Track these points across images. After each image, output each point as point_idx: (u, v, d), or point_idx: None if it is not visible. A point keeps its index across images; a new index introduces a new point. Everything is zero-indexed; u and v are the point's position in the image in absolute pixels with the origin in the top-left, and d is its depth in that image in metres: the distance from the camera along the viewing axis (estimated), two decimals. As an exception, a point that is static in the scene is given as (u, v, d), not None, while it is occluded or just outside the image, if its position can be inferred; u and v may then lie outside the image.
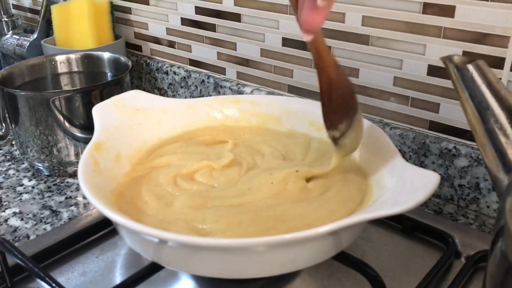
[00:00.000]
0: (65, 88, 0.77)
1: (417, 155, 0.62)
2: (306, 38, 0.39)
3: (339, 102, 0.46)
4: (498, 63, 0.54)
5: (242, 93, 0.78)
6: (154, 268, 0.45)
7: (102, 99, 0.56)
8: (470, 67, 0.35)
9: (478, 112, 0.35)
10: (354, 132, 0.47)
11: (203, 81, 0.83)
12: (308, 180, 0.49)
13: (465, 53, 0.56)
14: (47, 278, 0.44)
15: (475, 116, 0.35)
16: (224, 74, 0.82)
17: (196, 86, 0.84)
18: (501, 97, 0.34)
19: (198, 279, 0.47)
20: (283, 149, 0.55)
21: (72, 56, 0.78)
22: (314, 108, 0.58)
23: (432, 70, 0.59)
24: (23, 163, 0.71)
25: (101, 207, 0.39)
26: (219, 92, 0.81)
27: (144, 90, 0.83)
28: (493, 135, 0.34)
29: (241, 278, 0.44)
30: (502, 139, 0.34)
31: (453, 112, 0.59)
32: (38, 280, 0.45)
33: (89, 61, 0.78)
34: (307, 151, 0.54)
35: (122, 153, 0.52)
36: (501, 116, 0.34)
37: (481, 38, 0.54)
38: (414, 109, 0.62)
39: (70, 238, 0.52)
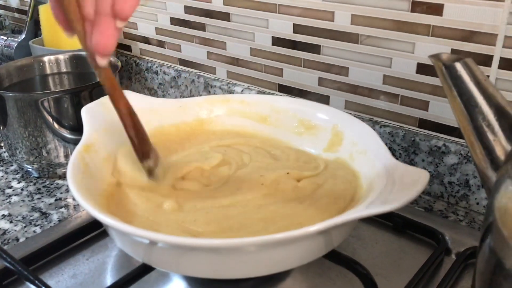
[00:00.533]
0: (54, 89, 0.77)
1: (407, 153, 0.62)
2: (102, 62, 0.37)
3: (142, 131, 0.45)
4: (486, 60, 0.54)
5: (233, 93, 0.78)
6: (145, 269, 0.45)
7: (91, 100, 0.56)
8: (458, 65, 0.35)
9: (466, 110, 0.35)
10: (161, 159, 0.47)
11: (193, 80, 0.83)
12: (299, 179, 0.49)
13: (453, 51, 0.56)
14: (36, 281, 0.44)
15: (463, 114, 0.35)
16: (214, 74, 0.82)
17: (186, 86, 0.84)
18: (489, 94, 0.35)
19: (190, 279, 0.47)
20: (271, 149, 0.55)
21: (61, 56, 0.77)
22: (304, 107, 0.58)
23: (421, 68, 0.59)
24: (12, 165, 0.71)
25: (91, 209, 0.39)
26: (209, 91, 0.81)
27: (134, 90, 0.82)
28: (481, 133, 0.35)
29: (232, 279, 0.44)
30: (490, 137, 0.34)
31: (442, 110, 0.60)
32: (28, 283, 0.45)
33: (78, 62, 0.78)
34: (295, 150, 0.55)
35: (112, 154, 0.51)
36: (489, 113, 0.34)
37: (469, 36, 0.55)
38: (403, 107, 0.63)
39: (60, 240, 0.52)
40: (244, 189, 0.46)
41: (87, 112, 0.53)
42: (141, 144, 0.45)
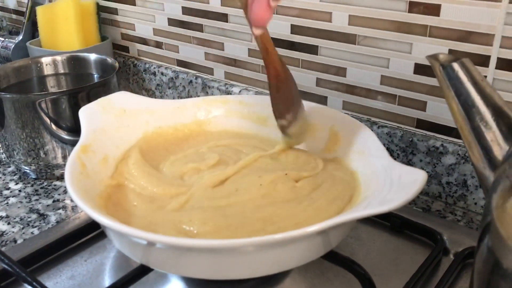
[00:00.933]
0: (52, 90, 0.77)
1: (405, 153, 0.62)
2: (256, 32, 0.42)
3: (286, 94, 0.50)
4: (483, 61, 0.54)
5: (231, 93, 0.78)
6: (143, 270, 0.45)
7: (89, 101, 0.56)
8: (456, 65, 0.35)
9: (463, 110, 0.35)
10: (300, 122, 0.52)
11: (191, 81, 0.83)
12: (297, 180, 0.49)
13: (451, 51, 0.56)
14: (34, 283, 0.44)
15: (461, 114, 0.35)
16: (212, 75, 0.82)
17: (184, 86, 0.84)
18: (486, 95, 0.35)
19: (188, 280, 0.47)
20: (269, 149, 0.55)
21: (58, 57, 0.77)
22: (302, 108, 0.58)
23: (419, 69, 0.60)
24: (10, 167, 0.71)
25: (89, 210, 0.39)
26: (207, 92, 0.81)
27: (131, 91, 0.82)
28: (478, 133, 0.35)
29: (231, 279, 0.44)
30: (488, 137, 0.34)
31: (440, 110, 0.60)
32: (26, 285, 0.44)
33: (76, 63, 0.78)
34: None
35: (110, 155, 0.51)
36: (486, 113, 0.34)
37: (467, 36, 0.55)
38: (401, 108, 0.63)
39: (58, 242, 0.51)
40: (242, 189, 0.46)
41: (84, 113, 0.53)
42: (278, 104, 0.51)
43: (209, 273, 0.40)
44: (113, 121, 0.54)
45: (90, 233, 0.53)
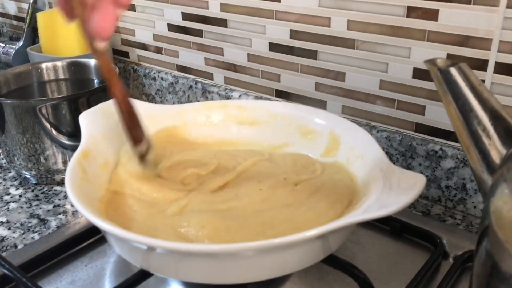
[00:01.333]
0: (52, 95, 0.77)
1: (404, 157, 0.62)
2: (101, 45, 0.39)
3: (136, 117, 0.46)
4: (481, 65, 0.55)
5: (230, 98, 0.78)
6: (143, 275, 0.45)
7: (89, 106, 0.56)
8: (453, 70, 0.35)
9: (461, 115, 0.35)
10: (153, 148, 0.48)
11: (190, 86, 0.83)
12: (296, 184, 0.49)
13: (449, 55, 0.57)
14: (35, 288, 0.44)
15: (458, 119, 0.35)
16: (212, 79, 0.82)
17: (184, 91, 0.84)
18: (484, 99, 0.35)
19: (188, 285, 0.47)
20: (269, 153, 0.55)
21: (59, 63, 0.77)
22: (301, 112, 0.59)
23: (417, 73, 0.60)
24: (10, 172, 0.71)
25: (89, 215, 0.39)
26: (207, 97, 0.81)
27: (131, 96, 0.82)
28: (476, 137, 0.35)
29: (231, 284, 0.44)
30: (486, 141, 0.35)
31: (438, 114, 0.60)
32: (26, 290, 0.45)
33: (76, 68, 0.78)
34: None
35: (110, 160, 0.51)
36: (484, 118, 0.35)
37: (465, 40, 0.55)
38: (400, 112, 0.63)
39: (59, 247, 0.52)
40: (242, 194, 0.46)
41: (85, 118, 0.54)
42: (133, 129, 0.46)
43: (209, 277, 0.40)
44: (114, 126, 0.54)
45: (91, 238, 0.53)
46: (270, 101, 0.72)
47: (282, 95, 0.74)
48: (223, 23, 0.76)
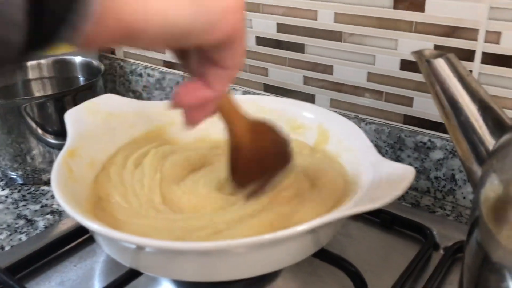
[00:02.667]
0: (37, 94, 0.76)
1: (393, 149, 0.62)
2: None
3: (249, 166, 0.44)
4: (468, 55, 0.55)
5: (218, 94, 0.77)
6: (133, 274, 0.45)
7: (75, 105, 0.55)
8: (441, 61, 0.35)
9: (450, 105, 0.35)
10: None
11: (178, 82, 0.82)
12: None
13: (436, 46, 0.57)
14: (22, 290, 0.43)
15: (447, 110, 0.35)
16: (199, 75, 0.81)
17: (171, 87, 0.84)
18: (472, 89, 0.35)
19: (179, 283, 0.47)
20: None
21: (43, 61, 0.76)
22: (290, 107, 0.58)
23: (405, 65, 0.60)
24: (-4, 173, 0.70)
25: (76, 215, 0.38)
26: (194, 93, 0.81)
27: (118, 93, 0.82)
28: (465, 128, 0.35)
29: (222, 281, 0.43)
30: (474, 131, 0.35)
31: (426, 106, 0.60)
32: (14, 292, 0.44)
33: (61, 66, 0.77)
34: None
35: (97, 159, 0.51)
36: (473, 108, 0.35)
37: (452, 31, 0.55)
38: (388, 104, 0.63)
39: (47, 247, 0.51)
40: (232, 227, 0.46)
41: (70, 116, 0.53)
42: (236, 175, 0.45)
43: (200, 275, 0.40)
44: (100, 124, 0.54)
45: (79, 238, 0.53)
46: (259, 95, 0.72)
47: (270, 89, 0.74)
48: (209, 17, 0.76)
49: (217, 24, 0.30)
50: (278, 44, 0.70)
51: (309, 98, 0.69)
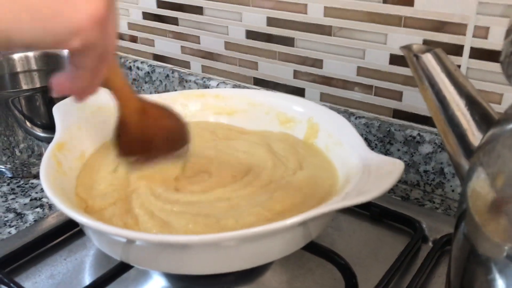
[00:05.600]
0: (25, 87, 0.75)
1: (383, 143, 0.63)
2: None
3: (132, 142, 0.44)
4: (457, 50, 0.55)
5: (208, 87, 0.77)
6: (124, 267, 0.45)
7: (63, 98, 0.55)
8: (429, 55, 0.35)
9: (437, 100, 0.35)
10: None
11: (167, 75, 0.82)
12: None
13: (425, 41, 0.57)
14: (11, 284, 0.43)
15: (435, 104, 0.36)
16: (189, 68, 0.81)
17: (160, 81, 0.83)
18: (460, 84, 0.35)
19: (170, 276, 0.47)
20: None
21: (30, 54, 0.75)
22: (280, 100, 0.58)
23: (394, 59, 0.60)
24: (-16, 166, 0.69)
25: (65, 209, 0.38)
26: (184, 86, 0.80)
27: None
28: (453, 122, 0.35)
29: (212, 274, 0.44)
30: (462, 126, 0.35)
31: (416, 100, 0.60)
32: (2, 287, 0.44)
33: (49, 59, 0.76)
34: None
35: (86, 152, 0.51)
36: (460, 103, 0.35)
37: (440, 26, 0.55)
38: (378, 98, 0.63)
39: (36, 241, 0.51)
40: (214, 181, 0.46)
41: (59, 109, 0.52)
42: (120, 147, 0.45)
43: (190, 268, 0.40)
44: (89, 117, 0.53)
45: (69, 231, 0.53)
46: (248, 89, 0.72)
47: (260, 83, 0.74)
48: (198, 10, 0.75)
49: (64, 42, 0.29)
50: (268, 38, 0.70)
51: (299, 92, 0.69)
